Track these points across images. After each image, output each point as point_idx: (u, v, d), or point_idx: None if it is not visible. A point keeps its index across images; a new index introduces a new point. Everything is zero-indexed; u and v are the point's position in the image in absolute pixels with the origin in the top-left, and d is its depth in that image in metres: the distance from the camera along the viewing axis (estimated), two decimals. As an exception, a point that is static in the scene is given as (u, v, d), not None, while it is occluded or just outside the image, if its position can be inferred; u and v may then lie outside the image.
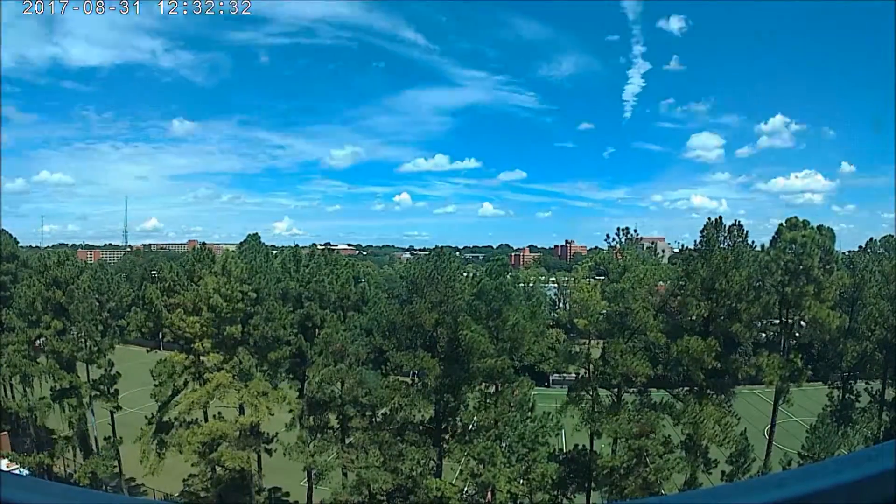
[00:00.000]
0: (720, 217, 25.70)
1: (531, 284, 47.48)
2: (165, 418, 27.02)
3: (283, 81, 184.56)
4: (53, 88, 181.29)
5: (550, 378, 43.26)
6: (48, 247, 78.51)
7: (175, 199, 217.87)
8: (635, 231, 26.66)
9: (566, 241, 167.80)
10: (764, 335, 29.35)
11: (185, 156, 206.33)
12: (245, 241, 34.82)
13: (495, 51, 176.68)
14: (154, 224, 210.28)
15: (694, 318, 25.80)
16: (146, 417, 27.84)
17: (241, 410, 26.83)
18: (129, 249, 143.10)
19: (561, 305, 57.64)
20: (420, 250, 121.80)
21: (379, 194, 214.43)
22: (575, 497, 26.25)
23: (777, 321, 28.16)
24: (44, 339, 29.90)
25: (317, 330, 28.05)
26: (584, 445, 26.80)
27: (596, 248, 44.23)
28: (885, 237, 37.74)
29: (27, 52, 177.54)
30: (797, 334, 28.54)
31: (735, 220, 25.92)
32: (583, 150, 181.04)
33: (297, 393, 28.24)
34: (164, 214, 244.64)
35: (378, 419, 26.89)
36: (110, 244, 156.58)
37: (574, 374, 27.57)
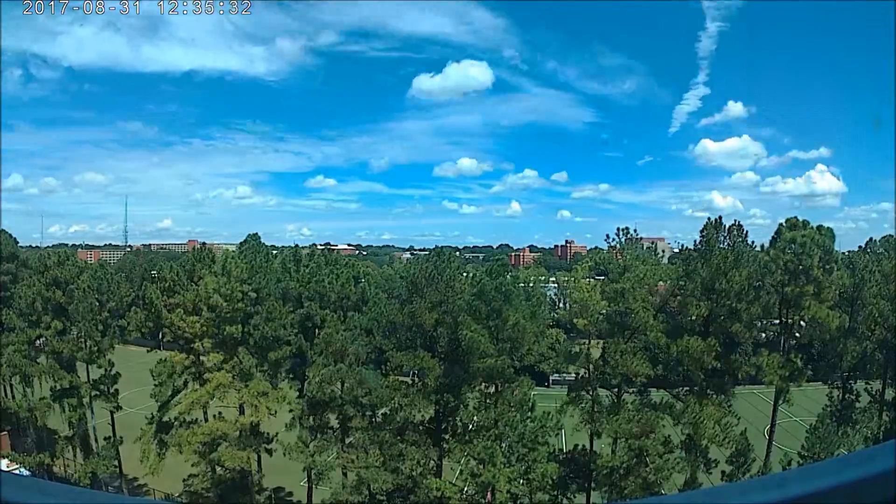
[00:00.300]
0: (720, 217, 25.73)
1: (531, 284, 47.37)
2: (165, 418, 27.01)
3: (375, 88, 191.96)
4: (132, 90, 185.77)
5: (550, 378, 43.23)
6: (48, 247, 78.51)
7: (201, 199, 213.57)
8: (635, 231, 26.65)
9: (566, 241, 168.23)
10: (764, 335, 29.32)
11: (237, 155, 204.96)
12: (245, 241, 34.74)
13: (573, 70, 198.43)
14: (168, 224, 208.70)
15: (694, 318, 25.79)
16: (146, 417, 27.84)
17: (241, 410, 26.81)
18: (128, 249, 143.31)
19: (561, 305, 57.63)
20: (420, 250, 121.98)
21: (416, 196, 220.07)
22: (575, 497, 26.23)
23: (777, 321, 28.13)
24: (44, 339, 29.91)
25: (317, 330, 28.06)
26: (584, 445, 26.79)
27: (596, 248, 44.27)
28: (884, 237, 37.73)
29: (121, 51, 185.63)
30: (797, 334, 28.51)
31: (735, 221, 25.98)
32: (625, 159, 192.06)
33: (297, 393, 28.22)
34: (182, 215, 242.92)
35: (378, 419, 26.88)
36: (110, 244, 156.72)
37: (574, 374, 27.54)
